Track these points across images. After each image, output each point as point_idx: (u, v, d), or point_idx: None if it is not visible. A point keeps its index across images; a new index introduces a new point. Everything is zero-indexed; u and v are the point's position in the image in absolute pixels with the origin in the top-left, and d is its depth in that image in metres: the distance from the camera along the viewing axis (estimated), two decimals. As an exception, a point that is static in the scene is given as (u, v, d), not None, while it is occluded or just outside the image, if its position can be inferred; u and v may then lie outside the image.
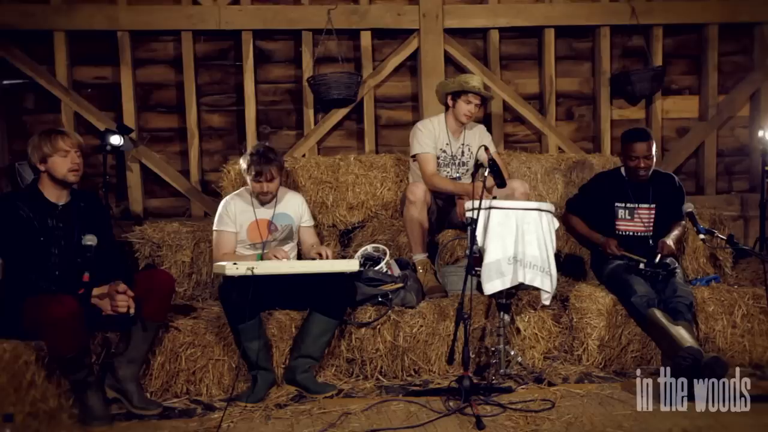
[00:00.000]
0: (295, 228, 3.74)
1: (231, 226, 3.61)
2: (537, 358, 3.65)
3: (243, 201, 3.67)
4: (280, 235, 3.67)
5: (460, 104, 4.06)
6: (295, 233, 3.74)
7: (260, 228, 3.64)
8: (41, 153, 3.06)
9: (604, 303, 3.68)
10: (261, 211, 3.67)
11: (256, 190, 3.59)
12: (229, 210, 3.63)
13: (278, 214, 3.70)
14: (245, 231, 3.63)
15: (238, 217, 3.63)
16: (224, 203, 3.67)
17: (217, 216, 3.63)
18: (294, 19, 4.86)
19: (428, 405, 3.15)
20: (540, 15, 5.06)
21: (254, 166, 3.53)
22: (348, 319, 3.55)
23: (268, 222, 3.66)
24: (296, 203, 3.77)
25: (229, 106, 5.00)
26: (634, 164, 3.85)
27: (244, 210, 3.64)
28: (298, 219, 3.75)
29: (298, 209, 3.76)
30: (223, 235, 3.59)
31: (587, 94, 5.32)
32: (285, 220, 3.70)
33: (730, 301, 3.66)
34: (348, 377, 3.56)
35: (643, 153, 3.83)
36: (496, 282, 3.28)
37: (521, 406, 3.12)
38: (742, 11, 5.21)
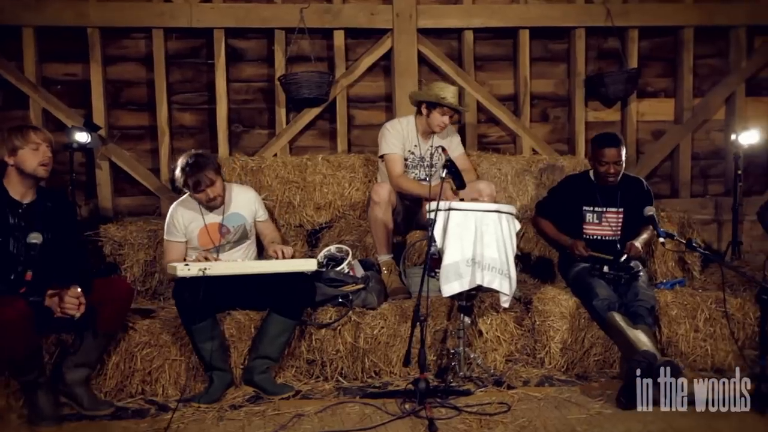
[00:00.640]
0: (249, 226, 3.68)
1: (178, 236, 3.54)
2: (499, 361, 3.63)
3: (190, 207, 3.58)
4: (233, 236, 3.61)
5: (434, 115, 4.03)
6: (250, 231, 3.68)
7: (210, 233, 3.56)
8: (11, 145, 3.02)
9: (567, 306, 3.67)
10: (210, 215, 3.58)
11: (202, 201, 3.51)
12: (176, 219, 3.55)
13: (229, 215, 3.62)
14: (195, 238, 3.55)
15: (187, 225, 3.55)
16: (171, 211, 3.59)
17: (166, 224, 3.57)
18: (266, 17, 4.83)
19: (384, 407, 3.14)
20: (515, 16, 5.03)
21: (189, 178, 3.42)
22: (308, 319, 3.53)
23: (219, 225, 3.59)
24: (247, 200, 3.69)
25: (201, 104, 4.97)
26: (604, 169, 3.83)
27: (192, 216, 3.56)
28: (251, 216, 3.69)
29: (251, 206, 3.69)
30: (171, 245, 3.54)
31: (562, 95, 5.30)
32: (237, 221, 3.63)
33: (693, 305, 3.65)
34: (308, 378, 3.54)
35: (614, 158, 3.81)
36: (454, 284, 3.27)
37: (477, 409, 3.11)
38: (718, 14, 5.19)
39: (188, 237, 3.56)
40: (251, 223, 3.69)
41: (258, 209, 3.73)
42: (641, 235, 3.88)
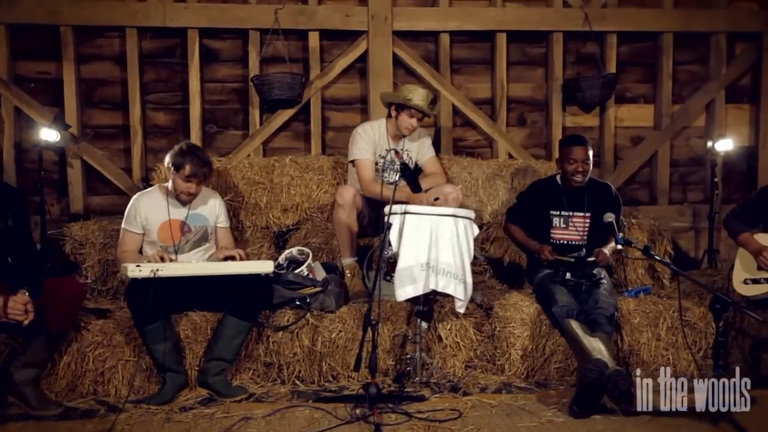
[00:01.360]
0: (211, 229, 3.65)
1: (136, 227, 3.50)
2: (458, 367, 3.60)
3: (156, 199, 3.55)
4: (194, 236, 3.58)
5: (402, 117, 4.00)
6: (210, 234, 3.65)
7: (172, 229, 3.53)
8: None
9: (528, 313, 3.63)
10: (175, 211, 3.54)
11: (181, 189, 3.49)
12: (138, 209, 3.52)
13: (193, 214, 3.59)
14: (155, 231, 3.51)
15: (149, 217, 3.51)
16: (134, 201, 3.55)
17: (126, 212, 3.54)
18: (241, 18, 4.82)
19: (334, 412, 3.11)
20: (491, 19, 5.01)
21: (190, 166, 3.42)
22: (265, 322, 3.51)
23: (181, 223, 3.56)
24: (213, 204, 3.66)
25: (175, 104, 4.96)
26: (571, 167, 3.79)
27: (156, 209, 3.52)
28: (213, 219, 3.66)
29: (215, 209, 3.67)
30: (127, 235, 3.50)
31: (540, 100, 5.27)
32: (199, 221, 3.60)
33: (656, 314, 3.61)
34: (265, 381, 3.51)
35: (581, 157, 3.78)
36: (408, 288, 3.24)
37: (428, 416, 3.07)
38: (697, 20, 5.16)
39: (147, 230, 3.52)
40: (212, 226, 3.66)
41: (220, 214, 3.70)
42: (610, 242, 3.84)
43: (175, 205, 3.55)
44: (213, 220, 3.67)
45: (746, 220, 3.63)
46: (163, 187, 3.61)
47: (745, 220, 3.63)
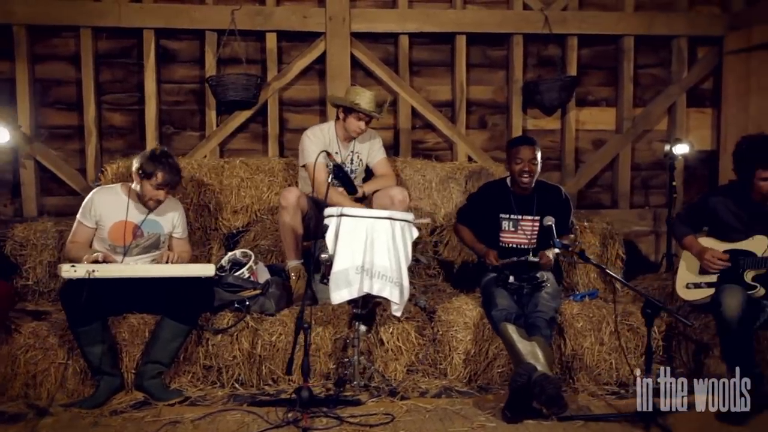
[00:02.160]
0: (164, 237, 3.60)
1: (90, 221, 3.48)
2: (399, 371, 3.57)
3: (116, 198, 3.52)
4: (145, 242, 3.54)
5: (350, 120, 3.99)
6: (163, 243, 3.60)
7: (126, 230, 3.49)
8: None
9: (471, 316, 3.61)
10: (133, 213, 3.51)
11: (150, 196, 3.44)
12: (94, 203, 3.49)
13: (150, 220, 3.55)
14: (107, 229, 3.48)
15: (104, 214, 3.48)
16: (93, 194, 3.53)
17: (83, 205, 3.51)
18: (197, 18, 4.79)
19: (266, 416, 3.08)
20: (450, 21, 4.98)
21: (162, 174, 3.39)
22: (205, 325, 3.48)
23: (135, 226, 3.53)
24: (172, 213, 3.62)
25: (132, 105, 4.92)
26: (518, 167, 3.75)
27: (114, 207, 3.49)
28: (169, 229, 3.62)
29: (173, 219, 3.62)
30: (80, 227, 3.48)
31: (501, 102, 5.24)
32: (154, 228, 3.56)
33: (599, 318, 3.58)
34: (204, 384, 3.48)
35: (528, 157, 3.74)
36: (343, 291, 3.21)
37: (359, 420, 3.05)
38: (658, 24, 5.14)
39: (100, 226, 3.49)
40: (166, 235, 3.62)
41: (178, 225, 3.66)
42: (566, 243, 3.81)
43: (134, 208, 3.52)
44: (169, 229, 3.62)
45: (691, 224, 3.61)
46: (127, 186, 3.56)
47: (689, 224, 3.61)
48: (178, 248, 3.65)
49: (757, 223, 3.32)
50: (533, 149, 3.76)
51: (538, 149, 3.80)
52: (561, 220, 3.88)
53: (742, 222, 3.37)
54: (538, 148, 3.81)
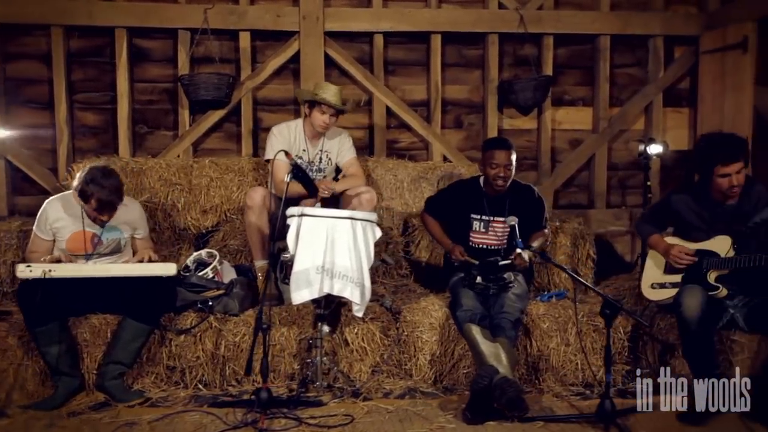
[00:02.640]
0: (125, 241, 3.57)
1: (46, 234, 3.44)
2: (364, 372, 3.55)
3: (71, 207, 3.47)
4: (105, 249, 3.50)
5: (315, 114, 3.98)
6: (124, 246, 3.58)
7: (85, 240, 3.45)
8: None
9: (437, 317, 3.59)
10: (90, 222, 3.46)
11: (90, 214, 3.42)
12: (48, 215, 3.44)
13: (108, 227, 3.50)
14: (65, 240, 3.43)
15: (59, 225, 3.43)
16: (46, 206, 3.47)
17: (37, 217, 3.47)
18: (169, 17, 4.76)
19: (225, 417, 3.06)
20: (424, 20, 4.96)
21: (98, 200, 3.31)
22: (168, 325, 3.45)
23: (93, 235, 3.48)
24: (131, 216, 3.58)
25: (105, 104, 4.89)
26: (494, 172, 3.72)
27: (69, 218, 3.45)
28: (130, 231, 3.59)
29: (133, 222, 3.59)
30: (36, 239, 3.45)
31: (477, 102, 5.22)
32: (114, 234, 3.52)
33: (565, 318, 3.57)
34: (168, 385, 3.46)
35: (504, 162, 3.71)
36: (304, 291, 3.19)
37: (319, 421, 3.03)
38: (634, 23, 5.12)
39: (57, 238, 3.46)
40: (127, 237, 3.59)
41: (139, 226, 3.63)
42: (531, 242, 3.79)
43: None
44: (129, 232, 3.60)
45: (656, 223, 3.59)
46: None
47: (654, 223, 3.59)
48: (142, 247, 3.63)
49: (719, 223, 3.30)
50: (509, 153, 3.72)
51: (514, 152, 3.77)
52: (534, 219, 3.88)
53: (704, 221, 3.35)
54: (514, 150, 3.78)
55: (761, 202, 3.25)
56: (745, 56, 4.68)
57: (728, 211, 3.30)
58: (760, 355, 3.16)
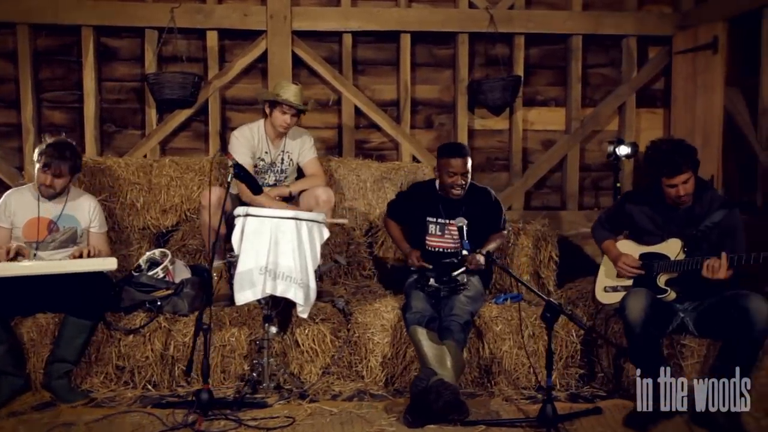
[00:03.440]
0: (81, 232, 3.58)
1: (5, 222, 3.48)
2: (315, 373, 3.52)
3: (27, 196, 3.54)
4: (61, 236, 3.52)
5: (275, 114, 3.96)
6: (80, 237, 3.58)
7: (40, 226, 3.49)
8: None
9: (389, 318, 3.56)
10: (46, 208, 3.51)
11: (40, 180, 3.47)
12: (8, 204, 3.50)
13: (65, 215, 3.55)
14: (21, 227, 3.47)
15: (17, 213, 3.49)
16: (6, 196, 3.54)
17: None
18: (136, 16, 4.75)
19: (165, 418, 3.04)
20: (393, 20, 4.93)
21: (45, 156, 3.44)
22: (116, 324, 3.44)
23: (50, 221, 3.51)
24: (87, 207, 3.60)
25: (72, 102, 4.89)
26: (450, 180, 3.68)
27: (26, 205, 3.50)
28: (86, 223, 3.60)
29: (88, 213, 3.60)
30: None
31: (448, 102, 5.19)
32: (70, 223, 3.55)
33: (518, 321, 3.52)
34: (117, 385, 3.45)
35: (460, 169, 3.66)
36: (247, 292, 3.17)
37: (260, 423, 3.00)
38: (607, 23, 5.07)
39: (14, 225, 3.49)
40: (83, 230, 3.60)
41: (94, 219, 3.63)
42: (488, 244, 3.76)
43: (46, 204, 3.51)
44: (85, 223, 3.61)
45: (611, 228, 3.55)
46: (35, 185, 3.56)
47: (609, 228, 3.55)
48: (98, 245, 3.61)
49: (672, 226, 3.26)
50: (465, 160, 3.67)
51: (470, 158, 3.73)
52: (492, 222, 3.85)
53: (657, 225, 3.31)
54: (469, 156, 3.74)
55: (713, 206, 3.21)
56: (715, 56, 4.62)
57: (681, 214, 3.25)
58: (708, 359, 3.12)
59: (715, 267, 2.95)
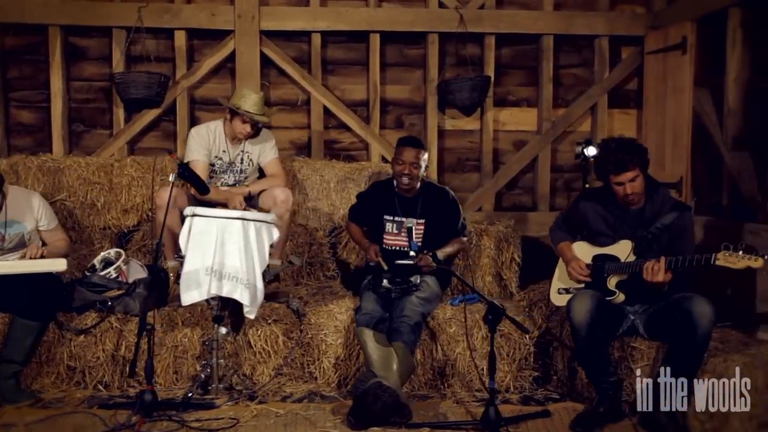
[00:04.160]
0: (29, 234, 3.53)
1: None
2: (267, 374, 3.51)
3: None
4: (7, 244, 3.47)
5: (236, 123, 3.95)
6: (29, 240, 3.54)
7: None
8: None
9: (342, 320, 3.54)
10: None
11: None
12: None
13: (9, 222, 3.47)
14: None
15: None
16: None
17: None
18: (103, 15, 4.74)
19: (108, 419, 3.03)
20: (362, 19, 4.90)
21: None
22: (67, 324, 3.43)
23: None
24: (29, 207, 3.54)
25: (41, 102, 4.88)
26: (399, 168, 3.66)
27: None
28: (33, 224, 3.55)
29: (33, 213, 3.55)
30: None
31: (419, 102, 5.16)
32: (15, 229, 3.49)
33: (471, 323, 3.49)
34: (68, 386, 3.44)
35: (409, 159, 3.64)
36: (193, 293, 3.16)
37: (203, 424, 2.99)
38: (578, 23, 5.04)
39: None
40: (30, 231, 3.55)
41: (42, 217, 3.58)
42: (445, 247, 3.73)
43: None
44: (32, 225, 3.56)
45: (567, 229, 3.52)
46: None
47: (566, 229, 3.52)
48: (51, 239, 3.60)
49: (624, 228, 3.23)
50: (417, 151, 3.66)
51: (424, 152, 3.71)
52: (449, 223, 3.82)
53: (609, 226, 3.27)
54: (424, 150, 3.72)
55: (665, 207, 3.17)
56: (684, 57, 4.58)
57: (633, 215, 3.22)
58: (658, 362, 3.08)
59: (654, 270, 2.92)
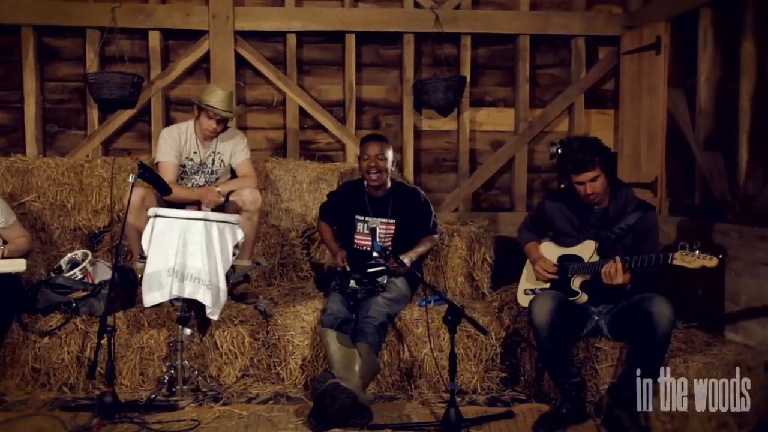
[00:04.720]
0: None
1: None
2: (233, 375, 3.49)
3: None
4: None
5: (202, 119, 3.93)
6: None
7: None
8: None
9: (309, 321, 3.52)
10: None
11: None
12: None
13: None
14: None
15: None
16: None
17: None
18: (77, 15, 4.72)
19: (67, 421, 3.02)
20: (337, 20, 4.89)
21: None
22: (32, 326, 3.41)
23: None
24: None
25: (14, 102, 4.85)
26: (365, 164, 3.65)
27: None
28: None
29: None
30: None
31: (395, 102, 5.15)
32: None
33: (438, 324, 3.48)
34: (33, 388, 3.42)
35: (374, 153, 3.63)
36: (155, 294, 3.15)
37: (164, 426, 2.98)
38: (554, 23, 5.03)
39: None
40: None
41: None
42: (415, 247, 3.72)
43: None
44: None
45: (535, 230, 3.51)
46: None
47: (533, 230, 3.52)
48: (11, 236, 3.57)
49: (588, 228, 3.22)
50: (380, 145, 3.66)
51: (389, 147, 3.70)
52: (420, 223, 3.81)
53: (574, 226, 3.27)
54: (389, 145, 3.72)
55: (629, 207, 3.17)
56: (658, 57, 4.57)
57: (597, 216, 3.22)
58: (621, 363, 3.07)
59: (612, 271, 2.91)
